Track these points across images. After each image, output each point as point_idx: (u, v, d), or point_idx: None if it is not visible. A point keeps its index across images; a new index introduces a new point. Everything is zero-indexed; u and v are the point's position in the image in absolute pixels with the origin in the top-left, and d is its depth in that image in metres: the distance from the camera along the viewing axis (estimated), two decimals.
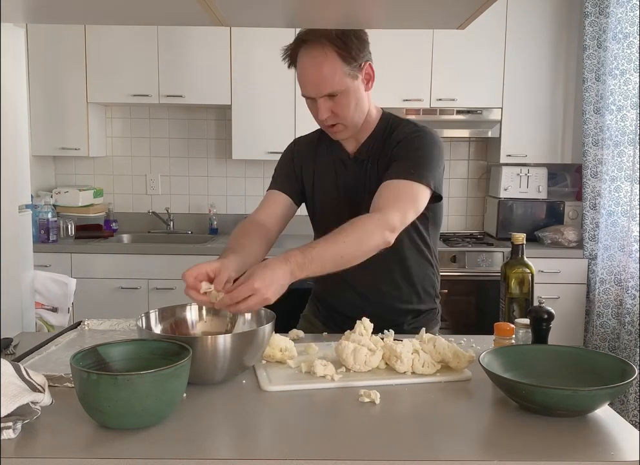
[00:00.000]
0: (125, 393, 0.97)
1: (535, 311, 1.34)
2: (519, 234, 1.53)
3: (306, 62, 1.47)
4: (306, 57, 1.46)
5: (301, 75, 1.49)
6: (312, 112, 1.56)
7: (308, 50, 1.46)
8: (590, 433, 1.04)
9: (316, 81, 1.46)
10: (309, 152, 1.69)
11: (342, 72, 1.46)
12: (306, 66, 1.47)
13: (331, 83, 1.45)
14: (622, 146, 3.16)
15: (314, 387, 1.21)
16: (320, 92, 1.47)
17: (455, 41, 3.40)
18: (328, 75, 1.45)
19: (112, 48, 3.44)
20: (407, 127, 1.57)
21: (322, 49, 1.44)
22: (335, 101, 1.48)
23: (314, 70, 1.45)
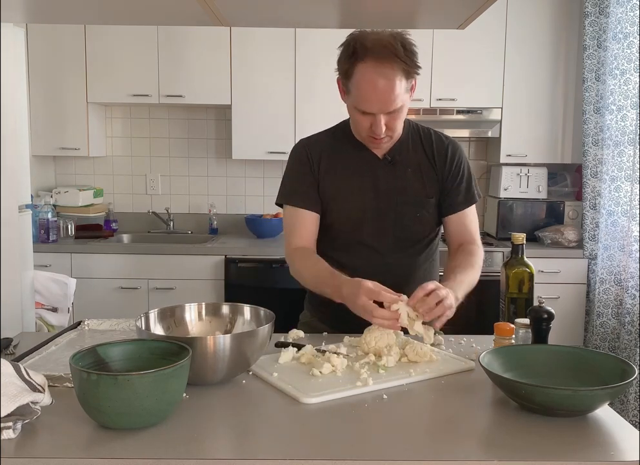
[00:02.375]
0: (125, 393, 0.97)
1: (535, 311, 1.34)
2: (519, 234, 1.53)
3: (374, 77, 1.40)
4: (374, 72, 1.40)
5: (365, 90, 1.43)
6: (361, 125, 1.51)
7: (376, 64, 1.39)
8: (590, 433, 1.04)
9: (384, 99, 1.42)
10: (331, 150, 1.63)
11: (404, 87, 1.44)
12: (375, 82, 1.41)
13: (396, 101, 1.43)
14: (622, 146, 3.16)
15: (347, 394, 1.18)
16: (385, 109, 1.45)
17: (455, 41, 3.39)
18: (397, 94, 1.42)
19: (112, 48, 3.44)
20: (440, 137, 1.65)
21: (392, 66, 1.39)
22: (392, 116, 1.47)
23: (385, 88, 1.41)
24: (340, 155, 1.63)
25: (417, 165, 1.62)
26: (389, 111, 1.46)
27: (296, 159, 1.66)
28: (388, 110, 1.45)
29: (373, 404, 1.15)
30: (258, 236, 3.63)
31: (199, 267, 3.28)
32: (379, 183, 1.61)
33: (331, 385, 1.21)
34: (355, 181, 1.62)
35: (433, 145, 1.64)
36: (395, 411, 1.13)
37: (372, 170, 1.62)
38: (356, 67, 1.44)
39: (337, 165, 1.63)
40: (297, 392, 1.17)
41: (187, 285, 3.28)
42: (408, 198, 1.61)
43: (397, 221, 1.62)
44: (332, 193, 1.62)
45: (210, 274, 3.29)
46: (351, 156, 1.62)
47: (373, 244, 1.63)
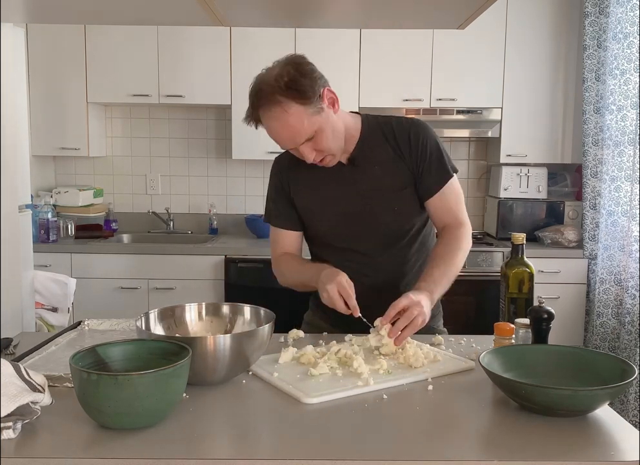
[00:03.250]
0: (125, 393, 0.97)
1: (535, 311, 1.34)
2: (519, 234, 1.53)
3: (270, 124, 1.46)
4: (269, 119, 1.45)
5: (272, 135, 1.49)
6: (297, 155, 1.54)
7: (266, 111, 1.44)
8: (590, 433, 1.04)
9: (288, 136, 1.46)
10: (297, 169, 1.64)
11: (307, 114, 1.44)
12: (273, 127, 1.46)
13: (303, 132, 1.45)
14: (622, 146, 3.16)
15: (348, 394, 1.19)
16: (296, 143, 1.47)
17: (455, 41, 3.39)
18: (297, 127, 1.44)
19: (112, 48, 3.44)
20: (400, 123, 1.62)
21: (279, 106, 1.41)
22: (314, 140, 1.48)
23: (282, 129, 1.45)
24: (306, 168, 1.60)
25: (383, 160, 1.60)
26: (302, 142, 1.47)
27: (271, 179, 1.73)
28: (300, 141, 1.47)
29: (373, 404, 1.15)
30: (258, 236, 3.63)
31: (199, 267, 3.28)
32: (348, 188, 1.61)
33: (331, 385, 1.21)
34: (324, 191, 1.63)
35: (394, 134, 1.60)
36: (395, 411, 1.13)
37: (338, 177, 1.61)
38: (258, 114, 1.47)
39: (306, 179, 1.64)
40: (297, 392, 1.17)
41: (187, 285, 3.28)
42: (379, 195, 1.60)
43: (375, 220, 1.61)
44: (306, 206, 1.66)
45: (210, 274, 3.29)
46: (316, 168, 1.60)
47: (358, 248, 1.63)
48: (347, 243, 1.64)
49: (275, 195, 1.70)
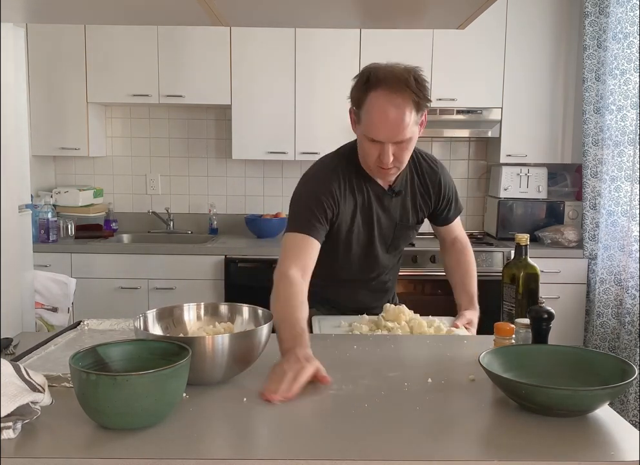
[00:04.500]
0: (124, 393, 0.97)
1: (535, 311, 1.33)
2: (523, 234, 1.53)
3: (385, 106, 1.43)
4: (386, 101, 1.43)
5: (376, 118, 1.45)
6: (370, 154, 1.53)
7: (388, 93, 1.42)
8: (590, 433, 1.04)
9: (394, 127, 1.44)
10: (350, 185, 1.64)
11: (414, 119, 1.46)
12: (386, 111, 1.43)
13: (405, 132, 1.46)
14: (622, 146, 3.15)
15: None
16: (394, 138, 1.47)
17: (455, 41, 3.39)
18: (406, 123, 1.44)
19: (112, 48, 3.44)
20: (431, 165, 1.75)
21: (403, 96, 1.42)
22: (401, 146, 1.49)
23: (395, 117, 1.43)
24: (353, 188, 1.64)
25: (414, 194, 1.74)
26: (397, 140, 1.47)
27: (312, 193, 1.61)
28: (397, 139, 1.47)
29: (373, 404, 1.15)
30: (258, 236, 3.63)
31: (199, 267, 3.28)
32: (383, 214, 1.71)
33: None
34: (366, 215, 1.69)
35: (426, 177, 1.74)
36: (395, 411, 1.13)
37: (379, 202, 1.69)
38: (368, 95, 1.46)
39: (354, 200, 1.65)
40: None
41: (187, 285, 3.28)
42: (404, 224, 1.76)
43: (394, 243, 1.79)
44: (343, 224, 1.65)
45: (210, 274, 3.29)
46: (364, 189, 1.66)
47: (369, 263, 1.79)
48: (367, 254, 1.76)
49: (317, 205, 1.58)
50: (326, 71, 3.43)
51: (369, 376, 1.30)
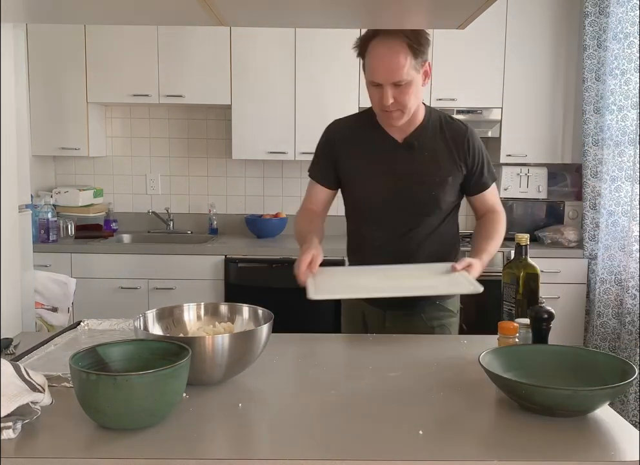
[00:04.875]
0: (124, 394, 0.97)
1: (535, 311, 1.34)
2: (523, 234, 1.53)
3: (381, 50, 1.58)
4: (382, 45, 1.58)
5: (374, 62, 1.60)
6: (373, 98, 1.66)
7: (383, 39, 1.57)
8: (590, 433, 1.04)
9: (390, 68, 1.58)
10: (352, 136, 1.78)
11: (411, 64, 1.58)
12: (382, 54, 1.58)
13: (401, 72, 1.57)
14: (623, 146, 3.16)
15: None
16: (391, 78, 1.58)
17: (455, 41, 3.39)
18: (401, 64, 1.57)
19: (112, 48, 3.44)
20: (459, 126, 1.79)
21: (398, 40, 1.56)
22: (400, 89, 1.60)
23: (390, 58, 1.57)
24: (361, 139, 1.77)
25: (434, 149, 1.75)
26: (394, 81, 1.58)
27: (322, 139, 1.84)
28: (394, 80, 1.58)
29: (373, 404, 1.15)
30: (258, 236, 3.63)
31: (199, 267, 3.28)
32: (396, 166, 1.74)
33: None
34: (373, 165, 1.75)
35: (452, 132, 1.76)
36: (394, 411, 1.13)
37: (390, 154, 1.74)
38: (369, 44, 1.61)
39: (356, 149, 1.77)
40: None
41: (187, 285, 3.28)
42: (423, 179, 1.73)
43: (413, 200, 1.75)
44: (351, 175, 1.78)
45: (210, 274, 3.29)
46: (372, 140, 1.76)
47: (391, 219, 1.77)
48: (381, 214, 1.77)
49: (322, 153, 1.83)
50: (326, 71, 3.43)
51: (369, 376, 1.30)
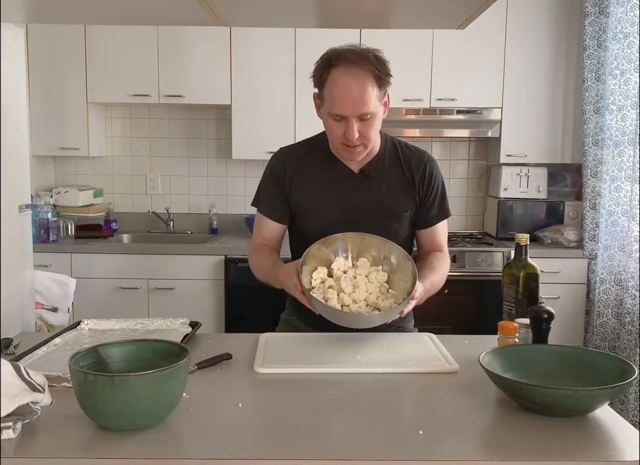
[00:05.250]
0: (122, 394, 0.97)
1: (535, 311, 1.34)
2: (523, 234, 1.53)
3: (347, 79, 1.45)
4: (348, 74, 1.45)
5: (339, 92, 1.47)
6: (334, 132, 1.53)
7: (349, 67, 1.45)
8: (590, 433, 1.04)
9: (357, 100, 1.45)
10: (303, 165, 1.66)
11: (377, 95, 1.48)
12: (348, 84, 1.45)
13: (369, 105, 1.46)
14: (623, 146, 3.16)
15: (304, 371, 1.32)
16: (357, 111, 1.47)
17: (455, 41, 3.39)
18: (368, 95, 1.45)
19: (112, 48, 3.44)
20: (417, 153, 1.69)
21: (364, 70, 1.45)
22: (366, 123, 1.49)
23: (357, 88, 1.45)
24: (313, 168, 1.65)
25: (392, 180, 1.65)
26: (361, 113, 1.47)
27: (270, 169, 1.72)
28: (361, 112, 1.47)
29: (372, 404, 1.15)
30: None
31: (199, 267, 3.28)
32: (352, 197, 1.63)
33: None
34: (326, 196, 1.64)
35: (411, 162, 1.67)
36: (394, 411, 1.13)
37: (345, 184, 1.64)
38: (330, 72, 1.48)
39: (309, 179, 1.65)
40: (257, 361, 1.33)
41: (187, 285, 3.28)
42: (381, 213, 1.64)
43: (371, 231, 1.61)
44: (302, 206, 1.66)
45: (210, 274, 3.29)
46: (325, 170, 1.64)
47: None
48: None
49: (271, 184, 1.69)
50: None
51: (368, 376, 1.30)
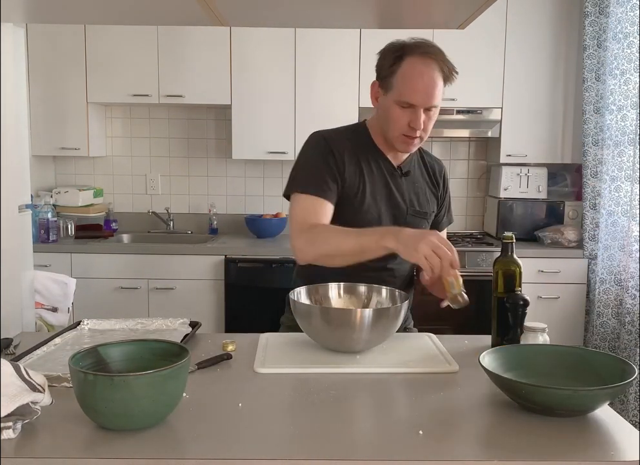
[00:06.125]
0: (121, 394, 0.97)
1: (512, 298, 1.43)
2: (509, 232, 1.54)
3: (422, 69, 1.52)
4: (422, 65, 1.52)
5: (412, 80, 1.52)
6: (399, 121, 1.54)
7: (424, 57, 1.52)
8: (590, 433, 1.04)
9: (429, 89, 1.52)
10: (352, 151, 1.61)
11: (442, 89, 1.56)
12: (422, 72, 1.51)
13: (438, 96, 1.54)
14: (622, 146, 3.16)
15: (304, 371, 1.32)
16: (429, 101, 1.53)
17: (455, 40, 3.38)
18: (439, 88, 1.54)
19: (112, 48, 3.44)
20: (437, 160, 1.79)
21: (437, 62, 1.53)
22: (429, 114, 1.56)
23: (430, 79, 1.52)
24: (361, 157, 1.63)
25: (422, 181, 1.72)
26: (431, 104, 1.53)
27: (318, 150, 1.60)
28: (430, 104, 1.53)
29: (372, 404, 1.15)
30: (258, 236, 3.63)
31: (199, 267, 3.28)
32: (395, 192, 1.66)
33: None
34: (374, 186, 1.63)
35: (434, 167, 1.75)
36: (394, 411, 1.13)
37: (389, 179, 1.66)
38: (403, 60, 1.53)
39: (359, 166, 1.62)
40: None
41: (187, 285, 3.28)
42: (417, 210, 1.69)
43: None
44: (353, 192, 1.60)
45: (210, 274, 3.29)
46: (371, 161, 1.64)
47: None
48: None
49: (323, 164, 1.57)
50: (326, 71, 3.43)
51: (368, 376, 1.30)
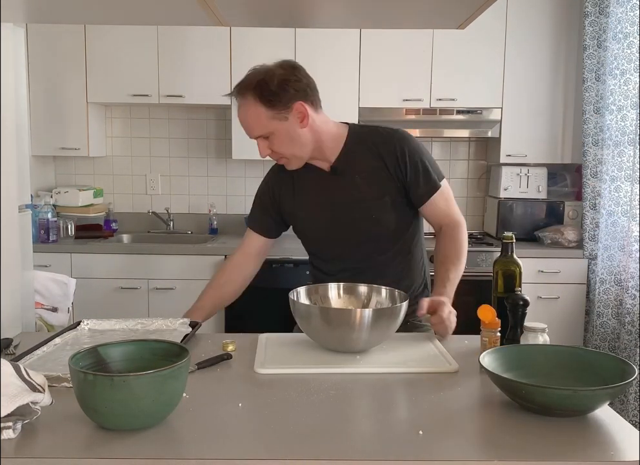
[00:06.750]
0: (121, 394, 0.97)
1: (512, 298, 1.43)
2: (509, 233, 1.56)
3: (239, 111, 1.66)
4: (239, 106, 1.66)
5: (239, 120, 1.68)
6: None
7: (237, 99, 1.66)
8: (590, 433, 1.04)
9: (245, 126, 1.65)
10: (285, 177, 1.79)
11: (267, 116, 1.59)
12: (239, 113, 1.66)
13: (257, 127, 1.62)
14: (622, 146, 3.16)
15: (304, 371, 1.31)
16: (250, 134, 1.65)
17: (455, 40, 3.39)
18: (252, 122, 1.62)
19: (112, 48, 3.44)
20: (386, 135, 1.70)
21: (245, 99, 1.62)
22: (269, 140, 1.64)
23: (242, 118, 1.64)
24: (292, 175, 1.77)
25: (364, 169, 1.69)
26: (255, 136, 1.64)
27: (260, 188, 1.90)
28: (253, 135, 1.65)
29: (372, 404, 1.15)
30: None
31: (199, 267, 3.28)
32: (329, 194, 1.72)
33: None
34: (308, 197, 1.76)
35: (379, 145, 1.69)
36: (394, 411, 1.13)
37: (321, 183, 1.73)
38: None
39: (292, 185, 1.78)
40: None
41: (187, 285, 3.28)
42: (359, 204, 1.70)
43: (354, 226, 1.71)
44: (292, 212, 1.79)
45: (210, 274, 3.29)
46: (301, 174, 1.75)
47: (342, 251, 1.75)
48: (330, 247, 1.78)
49: (258, 199, 1.87)
50: (326, 71, 3.43)
51: (368, 376, 1.30)
